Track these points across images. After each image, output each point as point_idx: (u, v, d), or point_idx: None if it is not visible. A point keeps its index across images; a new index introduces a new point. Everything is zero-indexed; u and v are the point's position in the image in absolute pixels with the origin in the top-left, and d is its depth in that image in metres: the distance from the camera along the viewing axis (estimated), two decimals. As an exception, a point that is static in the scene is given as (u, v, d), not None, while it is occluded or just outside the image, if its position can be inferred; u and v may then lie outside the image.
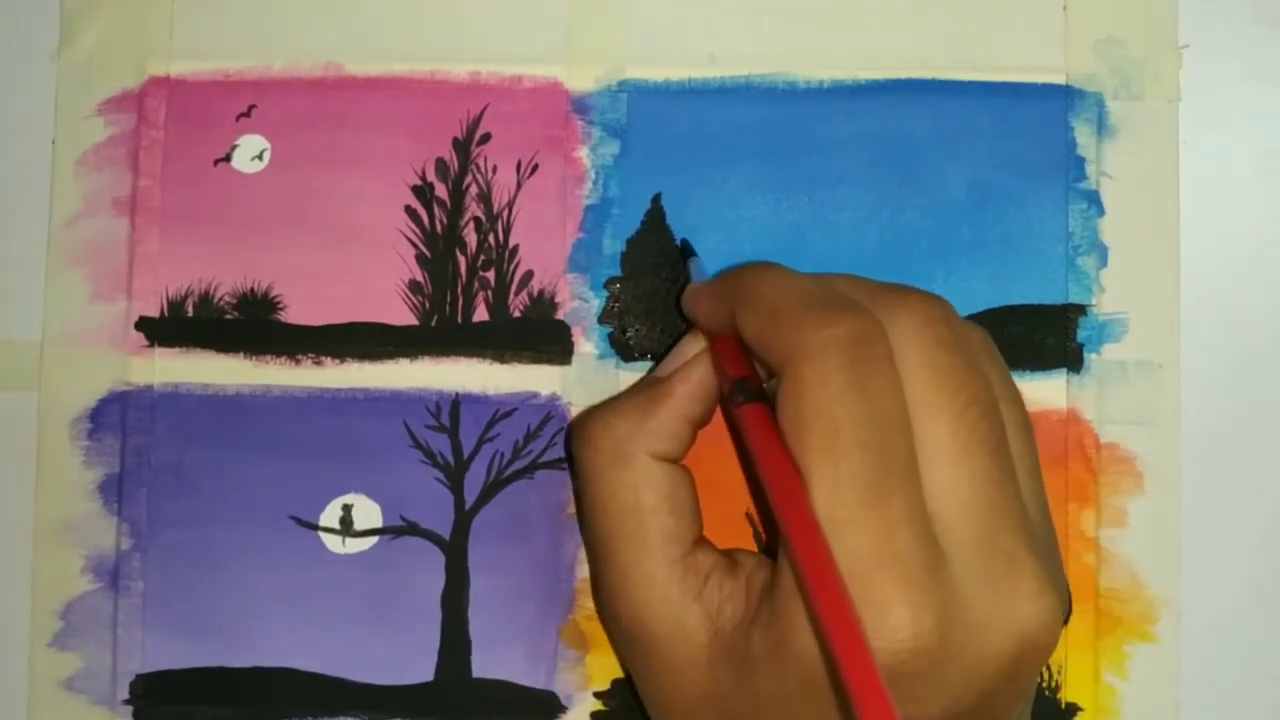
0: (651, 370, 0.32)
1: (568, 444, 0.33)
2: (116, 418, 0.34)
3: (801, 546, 0.24)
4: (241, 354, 0.34)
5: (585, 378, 0.34)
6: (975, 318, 0.34)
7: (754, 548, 0.33)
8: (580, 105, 0.35)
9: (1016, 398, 0.29)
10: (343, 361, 0.34)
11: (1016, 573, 0.26)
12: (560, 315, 0.34)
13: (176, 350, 0.34)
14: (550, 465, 0.34)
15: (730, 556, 0.29)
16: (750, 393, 0.28)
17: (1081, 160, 0.34)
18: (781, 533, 0.25)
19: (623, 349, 0.34)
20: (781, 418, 0.26)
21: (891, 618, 0.24)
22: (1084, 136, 0.34)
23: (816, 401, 0.26)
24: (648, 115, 0.34)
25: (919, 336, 0.27)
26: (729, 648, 0.27)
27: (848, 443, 0.25)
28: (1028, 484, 0.28)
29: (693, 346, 0.30)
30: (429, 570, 0.34)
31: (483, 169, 0.34)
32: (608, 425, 0.29)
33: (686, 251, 0.34)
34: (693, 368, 0.30)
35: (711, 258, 0.34)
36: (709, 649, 0.28)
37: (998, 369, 0.29)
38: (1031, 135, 0.34)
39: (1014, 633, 0.26)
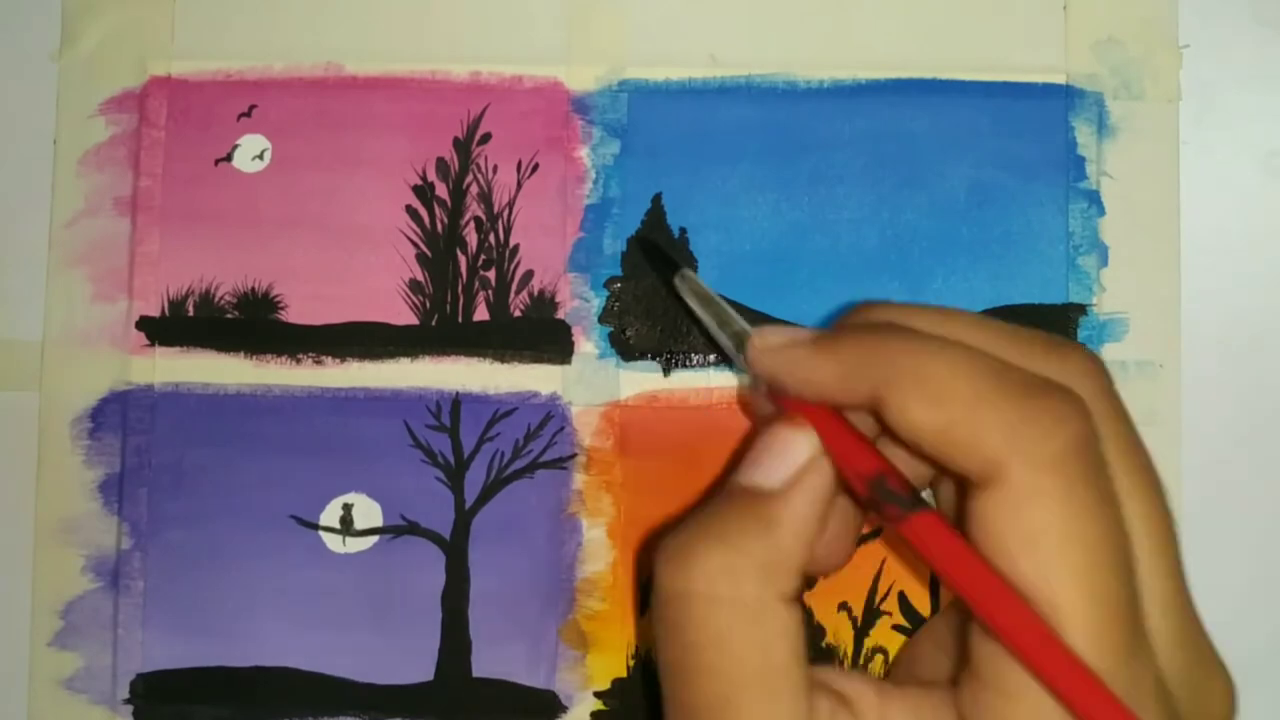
0: (740, 469, 0.25)
1: (654, 584, 0.25)
2: (117, 417, 0.34)
3: (1081, 696, 0.21)
4: (242, 354, 0.34)
5: (585, 377, 0.34)
6: (975, 317, 0.34)
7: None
8: (581, 105, 0.35)
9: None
10: (343, 361, 0.34)
11: (1212, 675, 0.24)
12: (560, 315, 0.34)
13: (177, 350, 0.34)
14: (550, 465, 0.34)
15: (839, 693, 0.24)
16: (906, 499, 0.23)
17: (1082, 160, 0.34)
18: (1044, 684, 0.22)
19: (623, 348, 0.34)
20: (995, 533, 0.22)
21: None
22: (1084, 136, 0.34)
23: (1062, 523, 0.22)
24: (648, 115, 0.34)
25: (1105, 411, 0.24)
26: None
27: (1106, 576, 0.22)
28: None
29: (801, 445, 0.25)
30: (429, 570, 0.34)
31: (483, 169, 0.34)
32: (728, 568, 0.23)
33: (670, 262, 0.31)
34: (814, 476, 0.24)
35: (712, 257, 0.34)
36: None
37: None
38: (1032, 135, 0.34)
39: None
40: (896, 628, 0.33)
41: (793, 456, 0.25)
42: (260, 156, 0.35)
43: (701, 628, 0.23)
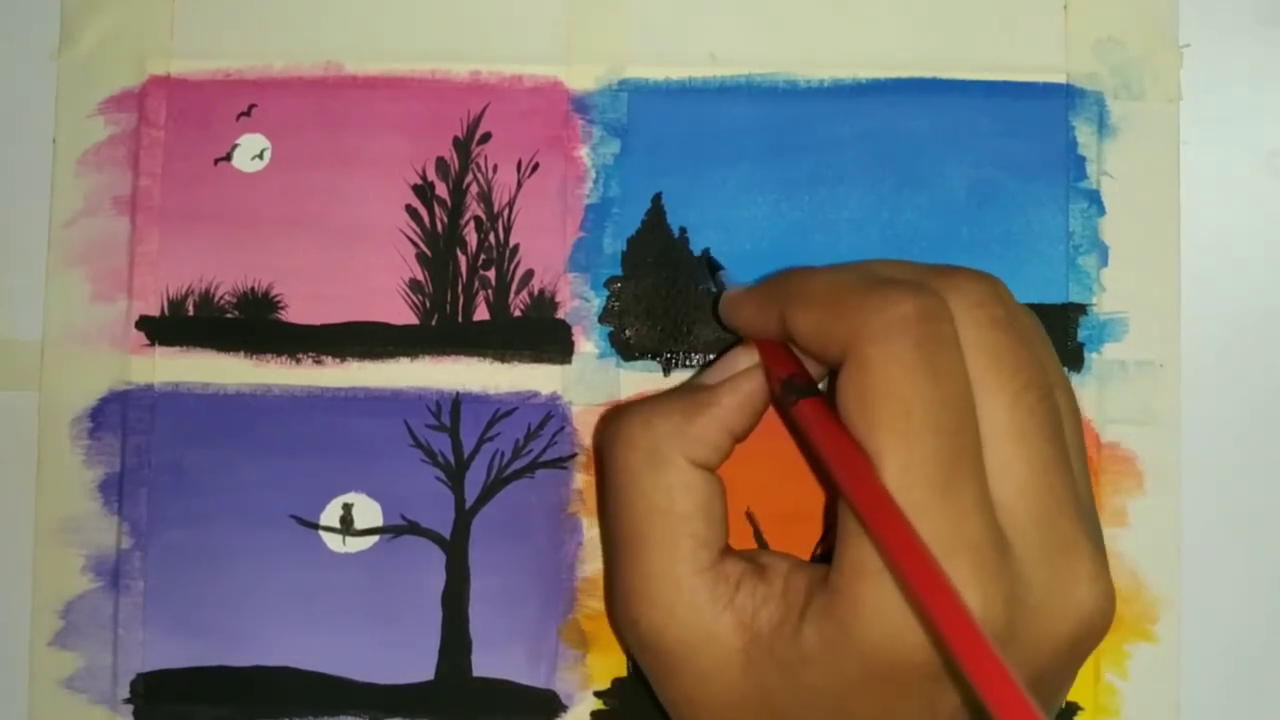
0: (696, 375, 0.32)
1: (597, 438, 0.33)
2: (117, 417, 0.34)
3: (884, 529, 0.24)
4: (242, 353, 0.34)
5: (586, 377, 0.34)
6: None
7: (754, 548, 0.33)
8: (581, 104, 0.35)
9: (1066, 384, 0.29)
10: (343, 361, 0.34)
11: (1074, 557, 0.26)
12: (561, 314, 0.34)
13: (177, 349, 0.34)
14: (550, 464, 0.34)
15: (756, 561, 0.28)
16: (803, 389, 0.27)
17: (1082, 160, 0.34)
18: (857, 516, 0.25)
19: (623, 348, 0.34)
20: (845, 402, 0.26)
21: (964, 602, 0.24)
22: (1084, 136, 0.34)
23: (886, 382, 0.25)
24: (648, 115, 0.34)
25: (975, 316, 0.27)
26: (770, 648, 0.27)
27: (920, 425, 0.25)
28: (1078, 470, 0.28)
29: (744, 359, 0.30)
30: (429, 569, 0.34)
31: (483, 168, 0.34)
32: (648, 424, 0.29)
33: (713, 265, 0.34)
34: (743, 379, 0.29)
35: (712, 256, 0.34)
36: (745, 653, 0.27)
37: (1049, 353, 0.29)
38: (1032, 135, 0.34)
39: (1072, 616, 0.26)
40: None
41: (732, 365, 0.30)
42: (260, 156, 0.35)
43: (622, 469, 0.29)
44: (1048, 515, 0.26)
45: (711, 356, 0.34)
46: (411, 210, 0.34)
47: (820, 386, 0.29)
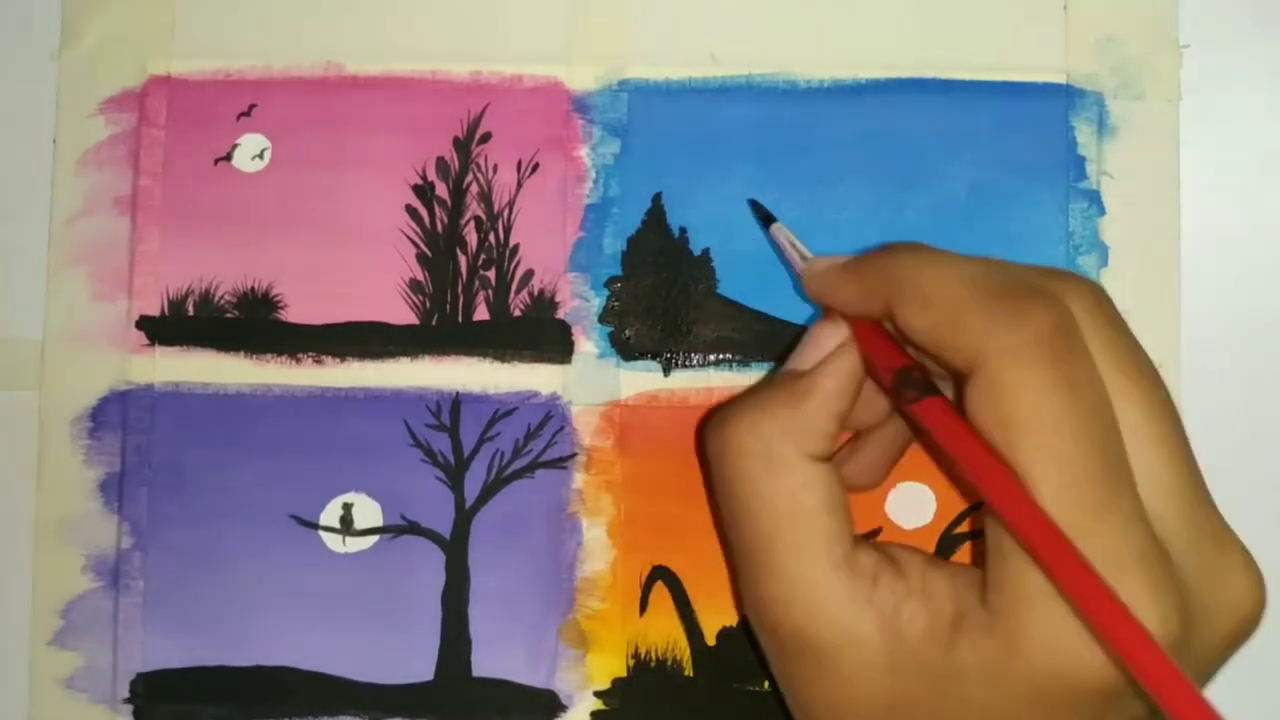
0: (782, 363, 0.30)
1: (702, 447, 0.32)
2: (117, 417, 0.34)
3: (1052, 555, 0.23)
4: (242, 353, 0.34)
5: (586, 377, 0.34)
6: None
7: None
8: (581, 104, 0.35)
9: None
10: (343, 361, 0.34)
11: (1227, 552, 0.26)
12: (561, 314, 0.34)
13: (177, 349, 0.34)
14: (550, 464, 0.34)
15: (888, 553, 0.28)
16: (922, 385, 0.26)
17: (1082, 160, 0.34)
18: (1017, 538, 0.24)
19: (623, 348, 0.34)
20: (980, 418, 0.25)
21: (1142, 618, 0.23)
22: (1084, 136, 0.34)
23: (1029, 403, 0.24)
24: (648, 115, 0.34)
25: (1095, 320, 0.26)
26: (918, 656, 0.26)
27: (1070, 445, 0.24)
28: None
29: (832, 335, 0.28)
30: (429, 569, 0.34)
31: (483, 168, 0.34)
32: (756, 426, 0.27)
33: (768, 217, 0.33)
34: (840, 360, 0.28)
35: (712, 257, 0.34)
36: (889, 656, 0.26)
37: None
38: (1032, 135, 0.34)
39: (1234, 612, 0.26)
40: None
41: (822, 345, 0.28)
42: (260, 156, 0.35)
43: (739, 479, 0.28)
44: (1196, 515, 0.26)
45: (713, 357, 0.34)
46: (411, 210, 0.34)
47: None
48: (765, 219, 0.33)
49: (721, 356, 0.34)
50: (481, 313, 0.34)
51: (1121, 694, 0.25)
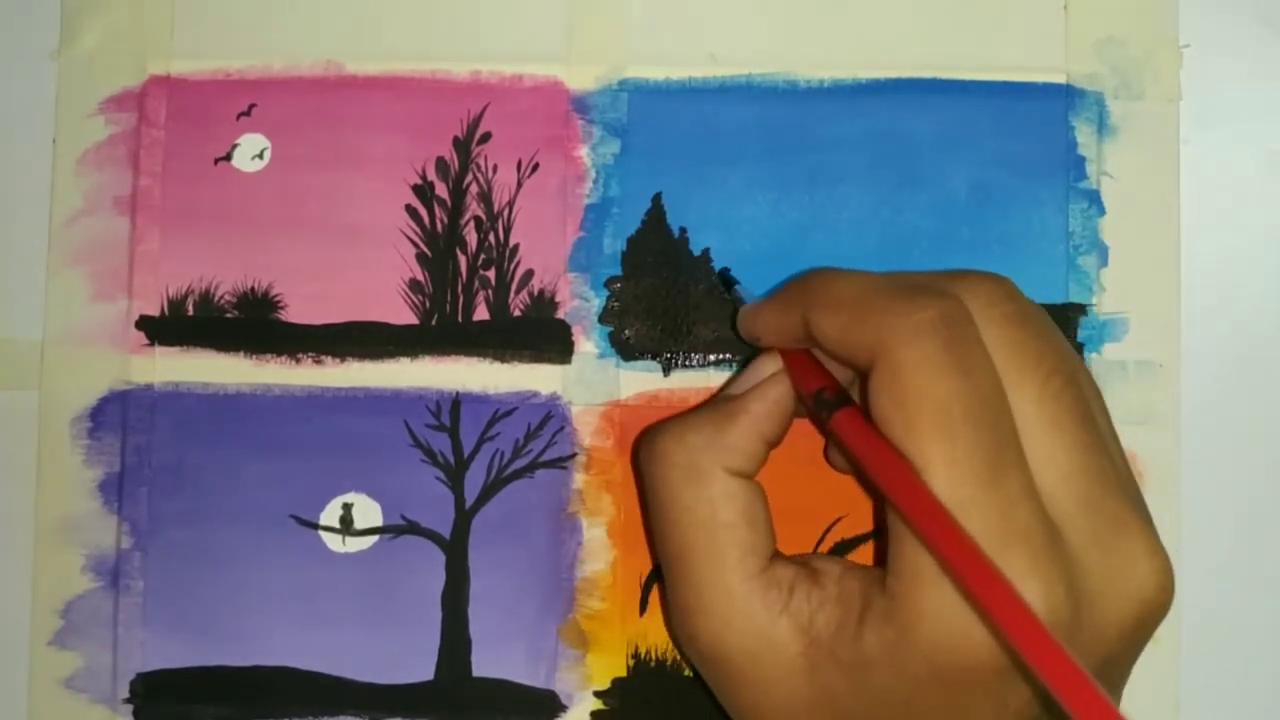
0: (723, 388, 0.32)
1: (634, 458, 0.33)
2: (117, 417, 0.34)
3: (934, 531, 0.24)
4: (242, 353, 0.34)
5: (586, 377, 0.34)
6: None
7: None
8: (581, 104, 0.35)
9: (1085, 368, 0.29)
10: (343, 361, 0.34)
11: (1127, 536, 0.26)
12: (561, 314, 0.34)
13: (177, 349, 0.34)
14: (550, 464, 0.34)
15: (808, 565, 0.29)
16: (835, 401, 0.28)
17: (1082, 160, 0.34)
18: (906, 521, 0.25)
19: (623, 348, 0.34)
20: (880, 405, 0.26)
21: (1025, 594, 0.24)
22: (1084, 136, 0.34)
23: (921, 383, 0.25)
24: (648, 114, 0.34)
25: (991, 315, 0.27)
26: (832, 653, 0.27)
27: (959, 421, 0.25)
28: (1114, 449, 0.28)
29: (768, 366, 0.30)
30: (429, 569, 0.34)
31: (483, 168, 0.34)
32: (682, 439, 0.29)
33: (728, 281, 0.34)
34: (769, 386, 0.29)
35: (712, 257, 0.34)
36: (806, 658, 0.27)
37: (1064, 341, 0.29)
38: (1032, 135, 0.34)
39: (1134, 595, 0.26)
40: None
41: (756, 373, 0.30)
42: (260, 156, 0.35)
43: (662, 488, 0.29)
44: (1093, 498, 0.26)
45: (713, 357, 0.34)
46: (411, 210, 0.34)
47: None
48: (728, 284, 0.34)
49: (721, 356, 0.34)
50: (481, 313, 0.34)
51: (1015, 672, 0.25)
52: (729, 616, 0.28)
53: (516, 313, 0.34)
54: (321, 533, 0.34)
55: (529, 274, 0.34)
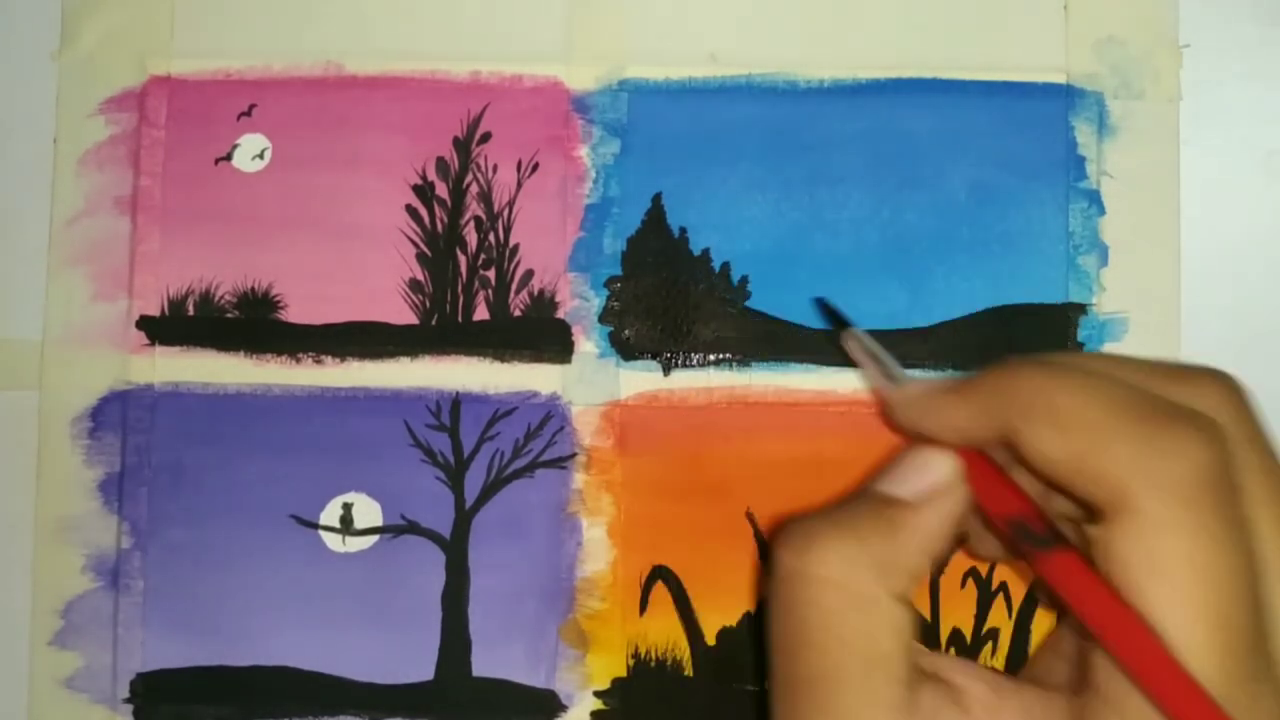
0: (879, 476, 0.27)
1: (777, 559, 0.26)
2: (117, 416, 0.34)
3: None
4: (242, 353, 0.34)
5: (586, 377, 0.34)
6: (975, 317, 0.34)
7: (754, 548, 0.33)
8: (581, 104, 0.35)
9: None
10: (343, 360, 0.34)
11: None
12: (561, 314, 0.34)
13: (177, 349, 0.34)
14: (550, 464, 0.34)
15: (950, 684, 0.25)
16: (1046, 538, 0.24)
17: (1082, 159, 0.34)
18: (1153, 700, 0.22)
19: (623, 348, 0.34)
20: (1126, 567, 0.22)
21: None
22: (1085, 136, 0.34)
23: (1184, 550, 0.22)
24: (648, 114, 0.34)
25: (1238, 432, 0.23)
26: None
27: (1229, 602, 0.22)
28: None
29: (940, 465, 0.26)
30: (429, 569, 0.34)
31: (483, 168, 0.34)
32: (845, 556, 0.25)
33: (840, 320, 0.31)
34: (947, 498, 0.25)
35: (712, 257, 0.34)
36: None
37: None
38: (1032, 135, 0.34)
39: None
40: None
41: (930, 474, 0.26)
42: (260, 156, 0.35)
43: (814, 607, 0.25)
44: None
45: (713, 357, 0.34)
46: (411, 210, 0.34)
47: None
48: (837, 322, 0.31)
49: (721, 356, 0.34)
50: (481, 313, 0.34)
51: None
52: None
53: (516, 313, 0.34)
54: (321, 532, 0.34)
55: (529, 274, 0.34)
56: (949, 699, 0.25)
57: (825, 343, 0.34)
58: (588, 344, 0.34)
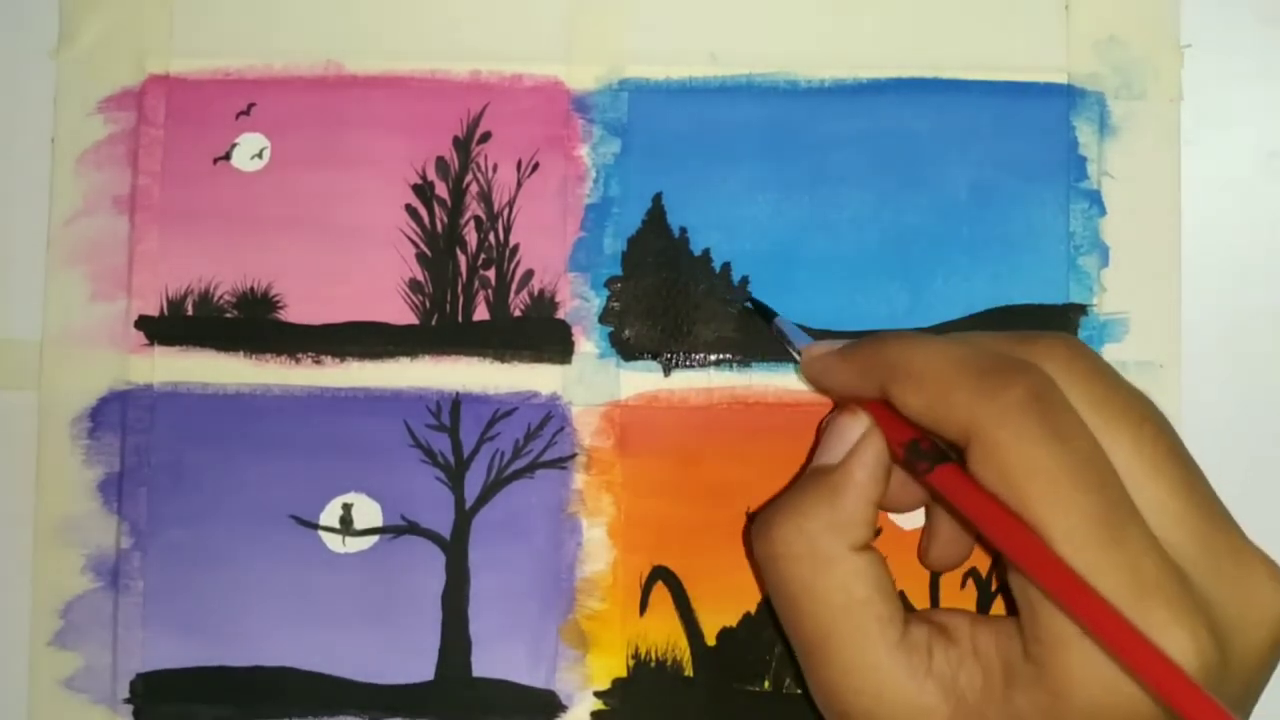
0: (813, 456, 0.31)
1: (751, 550, 0.32)
2: (116, 417, 0.34)
3: (1070, 597, 0.24)
4: (241, 353, 0.34)
5: (586, 377, 0.34)
6: (976, 318, 0.34)
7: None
8: (581, 104, 0.34)
9: (1154, 405, 0.29)
10: (343, 361, 0.34)
11: (1249, 566, 0.27)
12: (561, 314, 0.34)
13: (176, 349, 0.34)
14: (550, 465, 0.34)
15: (936, 622, 0.29)
16: (932, 455, 0.28)
17: (1083, 160, 0.34)
18: (1038, 586, 0.25)
19: (623, 348, 0.34)
20: (986, 481, 0.26)
21: (1172, 644, 0.24)
22: (1085, 136, 0.34)
23: (1023, 459, 0.26)
24: (648, 114, 0.34)
25: (1072, 376, 0.27)
26: (981, 715, 0.27)
27: (1069, 489, 0.25)
28: (1202, 476, 0.28)
29: (854, 426, 0.30)
30: (429, 569, 0.34)
31: (483, 168, 0.34)
32: (799, 529, 0.29)
33: (766, 313, 0.33)
34: (865, 448, 0.29)
35: (712, 257, 0.34)
36: (956, 719, 0.27)
37: (1131, 384, 0.29)
38: (1033, 135, 0.34)
39: (1268, 620, 0.26)
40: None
41: (848, 435, 0.30)
42: (259, 155, 0.35)
43: (790, 581, 0.29)
44: (1208, 535, 0.27)
45: (713, 357, 0.34)
46: (411, 210, 0.34)
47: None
48: (766, 315, 0.33)
49: (722, 356, 0.34)
50: (481, 313, 0.34)
51: None
52: (880, 691, 0.28)
53: (516, 313, 0.34)
54: (321, 533, 0.34)
55: (529, 274, 0.34)
56: (938, 632, 0.28)
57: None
58: (588, 344, 0.34)
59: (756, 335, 0.34)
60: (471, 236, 0.34)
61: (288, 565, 0.34)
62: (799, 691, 0.33)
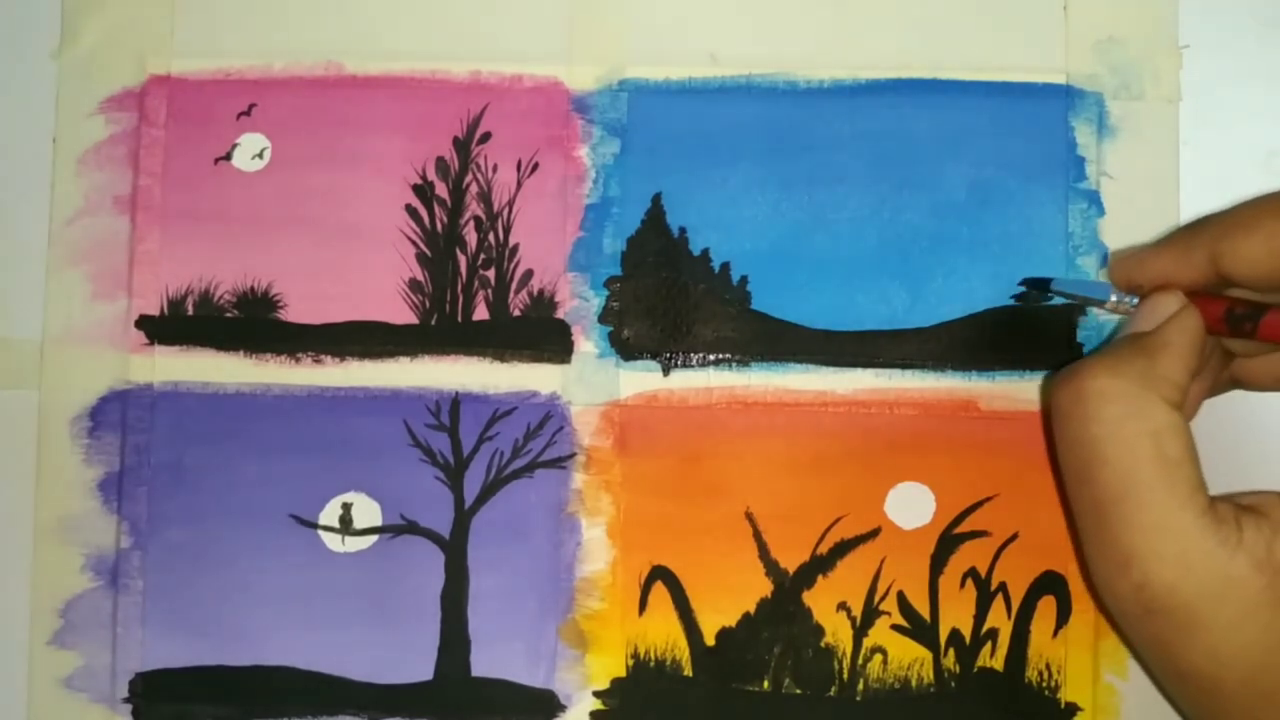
0: (1121, 330, 0.31)
1: (1049, 402, 0.30)
2: (116, 416, 0.34)
3: None
4: (241, 352, 0.34)
5: (585, 376, 0.34)
6: (975, 317, 0.34)
7: (754, 548, 0.33)
8: (581, 104, 0.35)
9: None
10: (343, 360, 0.34)
11: None
12: (560, 314, 0.34)
13: (176, 349, 0.34)
14: (550, 464, 0.34)
15: (1239, 502, 0.28)
16: (1252, 311, 0.28)
17: (1082, 160, 0.34)
18: None
19: (623, 348, 0.34)
20: None
21: None
22: (1084, 136, 0.34)
23: None
24: (648, 114, 0.34)
25: None
26: None
27: None
28: None
29: (1170, 302, 0.29)
30: (428, 569, 0.34)
31: (483, 168, 0.34)
32: (1116, 372, 0.28)
33: (1040, 285, 0.33)
34: (1183, 317, 0.29)
35: (712, 257, 0.34)
36: (1271, 592, 0.26)
37: None
38: (1032, 135, 0.34)
39: None
40: (895, 628, 0.33)
41: (1160, 311, 0.29)
42: (260, 155, 0.35)
43: (1097, 422, 0.27)
44: None
45: (712, 357, 0.34)
46: (411, 210, 0.34)
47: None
48: (1041, 286, 0.33)
49: (721, 356, 0.34)
50: (481, 313, 0.34)
51: None
52: (1186, 557, 0.26)
53: (516, 313, 0.34)
54: (321, 532, 0.34)
55: (529, 274, 0.34)
56: (1243, 509, 0.27)
57: (825, 342, 0.34)
58: (587, 344, 0.34)
59: (756, 335, 0.34)
60: (471, 236, 0.34)
61: (287, 565, 0.34)
62: (798, 691, 0.33)
